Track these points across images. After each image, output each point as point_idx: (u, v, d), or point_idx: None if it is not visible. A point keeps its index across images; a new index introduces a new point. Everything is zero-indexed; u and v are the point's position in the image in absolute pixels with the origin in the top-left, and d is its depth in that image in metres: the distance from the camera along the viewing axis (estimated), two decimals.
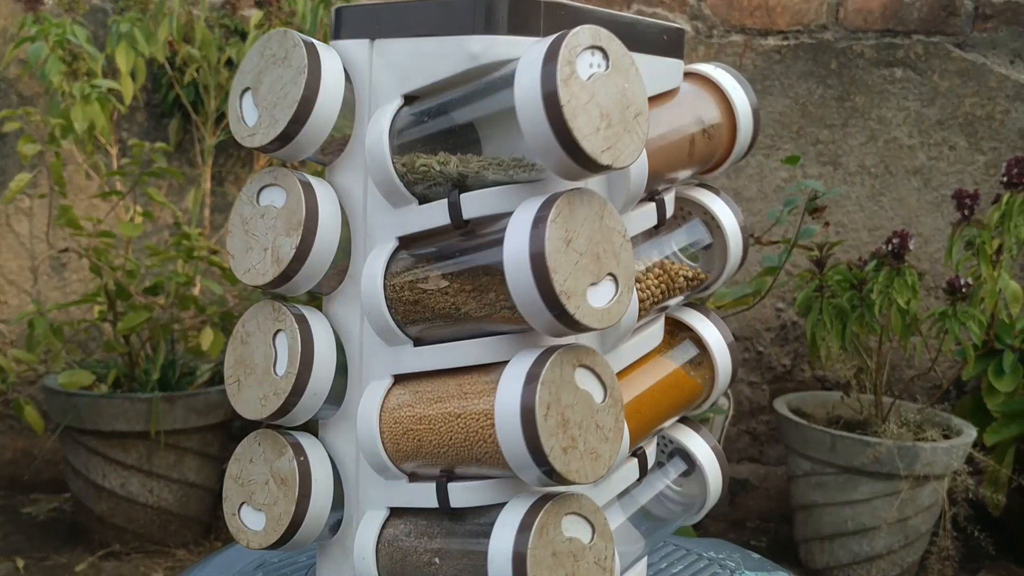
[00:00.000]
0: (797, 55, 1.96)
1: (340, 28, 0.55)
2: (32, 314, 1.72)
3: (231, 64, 1.87)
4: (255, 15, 1.78)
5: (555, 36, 0.45)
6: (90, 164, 1.78)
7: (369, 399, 0.54)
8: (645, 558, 0.61)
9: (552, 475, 0.46)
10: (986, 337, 1.68)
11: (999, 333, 1.74)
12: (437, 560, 0.53)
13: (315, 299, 0.59)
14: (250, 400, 0.54)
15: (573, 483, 0.46)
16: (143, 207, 1.84)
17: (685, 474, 0.65)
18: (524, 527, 0.47)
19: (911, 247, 1.60)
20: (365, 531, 0.55)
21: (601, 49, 0.46)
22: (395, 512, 0.55)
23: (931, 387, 1.94)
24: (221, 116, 1.90)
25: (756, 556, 0.70)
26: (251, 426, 0.56)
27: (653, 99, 0.55)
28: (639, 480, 0.59)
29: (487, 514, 0.52)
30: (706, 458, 0.65)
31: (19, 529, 1.85)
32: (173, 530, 1.77)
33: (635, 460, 0.58)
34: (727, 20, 1.97)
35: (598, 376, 0.49)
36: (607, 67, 0.46)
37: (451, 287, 0.51)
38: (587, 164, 0.45)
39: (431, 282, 0.52)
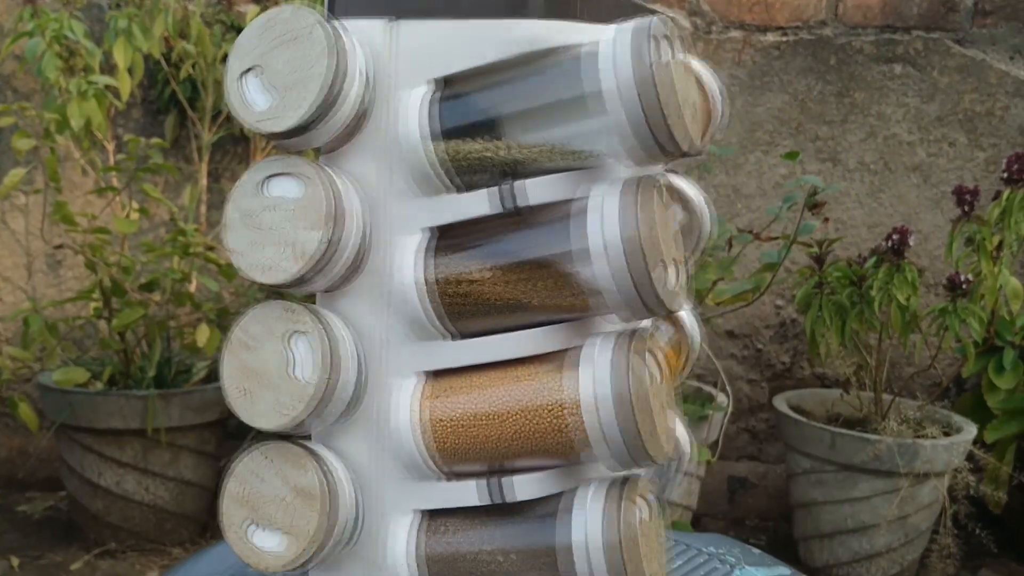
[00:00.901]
0: (796, 51, 1.96)
1: (341, 4, 0.52)
2: (27, 311, 1.71)
3: (227, 60, 1.86)
4: (251, 10, 1.77)
5: (639, 22, 0.46)
6: (86, 160, 1.77)
7: (400, 398, 0.52)
8: None
9: (643, 460, 0.47)
10: (986, 334, 1.67)
11: (999, 330, 1.73)
12: (501, 559, 0.51)
13: (307, 298, 0.56)
14: (266, 411, 0.50)
15: (655, 464, 0.47)
16: (139, 204, 1.83)
17: None
18: (610, 514, 0.47)
19: (911, 243, 1.60)
20: (397, 538, 0.52)
21: (668, 39, 0.47)
22: (428, 515, 0.53)
23: (931, 384, 1.94)
24: (218, 113, 1.89)
25: (756, 551, 0.69)
26: (247, 425, 0.53)
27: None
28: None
29: (544, 505, 0.51)
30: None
31: (14, 527, 1.84)
32: (169, 528, 1.76)
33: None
34: (726, 16, 1.96)
35: (655, 358, 0.49)
36: (673, 57, 0.47)
37: (505, 277, 0.50)
38: (671, 148, 0.46)
39: (482, 273, 0.50)
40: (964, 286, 1.60)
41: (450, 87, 0.51)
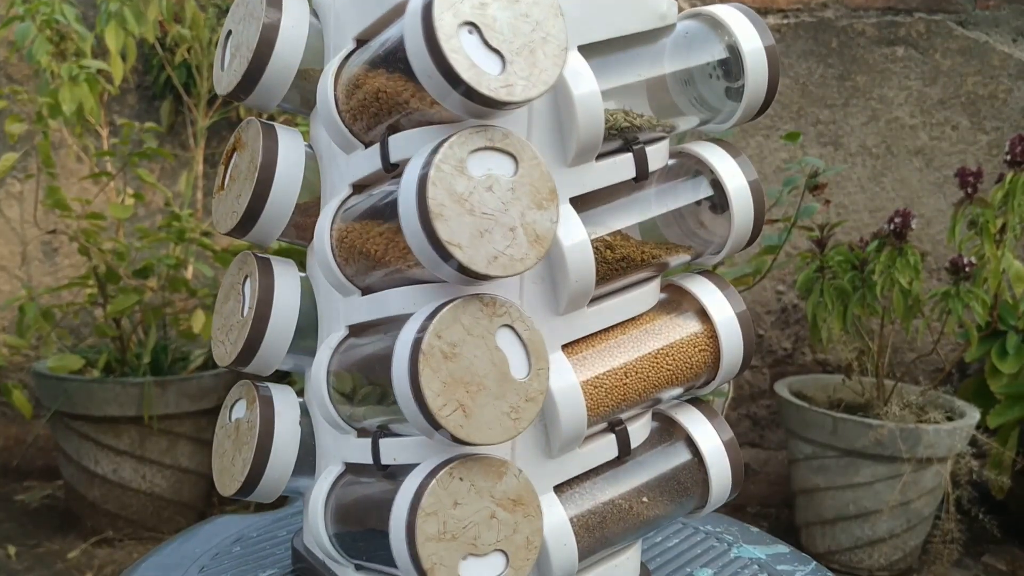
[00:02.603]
0: (797, 34, 1.94)
1: None
2: (23, 299, 1.69)
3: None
4: None
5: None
6: (80, 146, 1.75)
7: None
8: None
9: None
10: (989, 318, 1.65)
11: (1003, 314, 1.71)
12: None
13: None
14: (492, 422, 0.44)
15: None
16: (134, 189, 1.81)
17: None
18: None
19: (913, 227, 1.58)
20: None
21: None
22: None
23: (933, 369, 1.92)
24: (214, 97, 1.87)
25: (755, 530, 0.68)
26: None
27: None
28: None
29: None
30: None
31: (11, 516, 1.84)
32: (166, 516, 1.75)
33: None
34: None
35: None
36: None
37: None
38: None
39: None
40: (967, 269, 1.58)
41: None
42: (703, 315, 0.56)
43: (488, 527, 0.45)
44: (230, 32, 0.55)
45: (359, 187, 0.52)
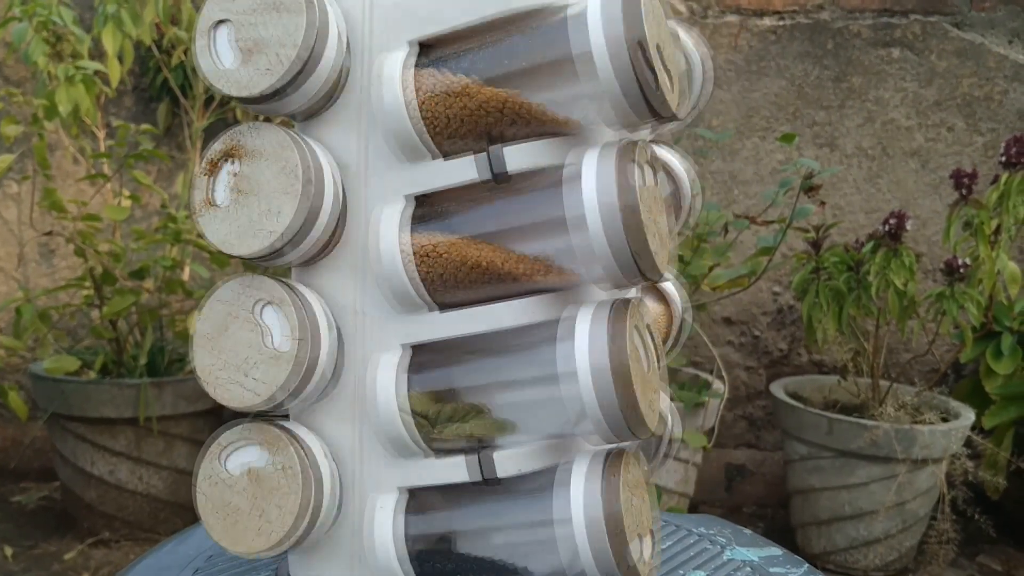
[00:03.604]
0: (793, 35, 1.94)
1: None
2: (19, 300, 1.69)
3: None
4: None
5: None
6: (77, 148, 1.75)
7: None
8: None
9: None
10: (984, 319, 1.66)
11: (997, 315, 1.72)
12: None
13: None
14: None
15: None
16: (131, 191, 1.82)
17: None
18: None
19: (908, 228, 1.58)
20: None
21: None
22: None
23: (929, 370, 1.93)
24: (210, 99, 1.87)
25: (748, 532, 0.68)
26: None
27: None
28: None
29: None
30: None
31: (8, 518, 1.84)
32: (163, 517, 1.75)
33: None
34: (722, 0, 1.94)
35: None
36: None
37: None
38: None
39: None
40: (962, 270, 1.59)
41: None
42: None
43: (640, 512, 0.48)
44: (221, 22, 0.48)
45: (420, 198, 0.50)
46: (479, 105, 0.48)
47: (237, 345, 0.48)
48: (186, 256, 1.75)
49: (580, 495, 0.47)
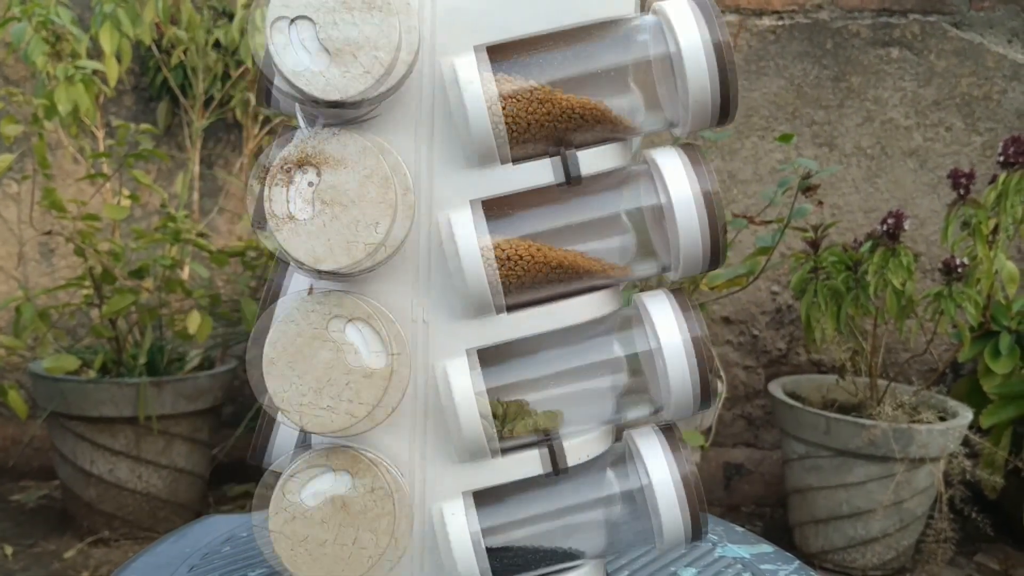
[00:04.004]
0: (792, 35, 1.94)
1: None
2: (19, 299, 1.70)
3: (219, 46, 1.85)
4: None
5: None
6: (76, 148, 1.76)
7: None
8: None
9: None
10: (982, 318, 1.66)
11: (995, 314, 1.72)
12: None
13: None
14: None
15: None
16: (130, 191, 1.82)
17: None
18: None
19: (906, 228, 1.58)
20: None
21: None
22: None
23: (927, 370, 1.93)
24: (210, 99, 1.88)
25: (739, 529, 0.68)
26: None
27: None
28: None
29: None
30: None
31: (7, 516, 1.84)
32: (162, 516, 1.76)
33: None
34: (721, 0, 1.94)
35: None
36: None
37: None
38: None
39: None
40: (960, 270, 1.59)
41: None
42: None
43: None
44: (297, 18, 0.45)
45: (487, 203, 0.50)
46: (562, 111, 0.49)
47: (317, 368, 0.46)
48: (185, 255, 1.76)
49: (663, 462, 0.52)
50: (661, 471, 0.51)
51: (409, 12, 0.45)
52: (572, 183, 0.49)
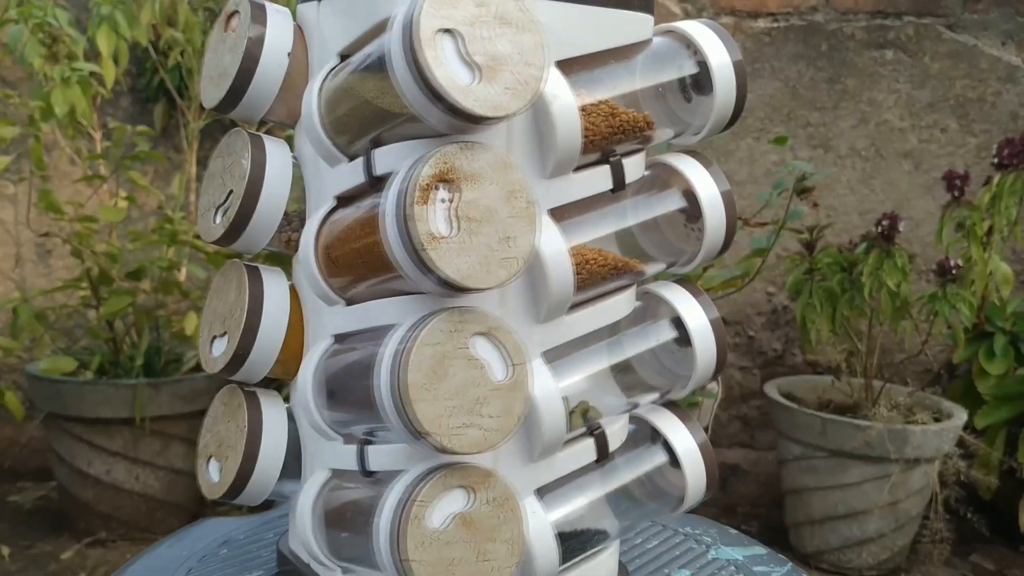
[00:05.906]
0: (787, 37, 1.95)
1: None
2: (16, 301, 1.70)
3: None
4: None
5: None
6: (73, 149, 1.76)
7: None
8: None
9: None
10: (977, 320, 1.67)
11: (990, 316, 1.72)
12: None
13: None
14: None
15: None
16: (127, 192, 1.82)
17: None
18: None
19: (901, 229, 1.59)
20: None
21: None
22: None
23: (922, 371, 1.93)
24: None
25: (733, 532, 0.69)
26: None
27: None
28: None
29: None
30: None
31: (4, 517, 1.84)
32: (159, 517, 1.76)
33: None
34: (716, 2, 1.95)
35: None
36: None
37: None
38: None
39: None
40: (954, 271, 1.59)
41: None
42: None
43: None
44: (443, 31, 0.43)
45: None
46: (622, 124, 0.52)
47: (460, 386, 0.45)
48: (182, 257, 1.76)
49: (685, 434, 0.58)
50: (686, 442, 0.58)
51: (543, 28, 0.45)
52: (617, 190, 0.53)
